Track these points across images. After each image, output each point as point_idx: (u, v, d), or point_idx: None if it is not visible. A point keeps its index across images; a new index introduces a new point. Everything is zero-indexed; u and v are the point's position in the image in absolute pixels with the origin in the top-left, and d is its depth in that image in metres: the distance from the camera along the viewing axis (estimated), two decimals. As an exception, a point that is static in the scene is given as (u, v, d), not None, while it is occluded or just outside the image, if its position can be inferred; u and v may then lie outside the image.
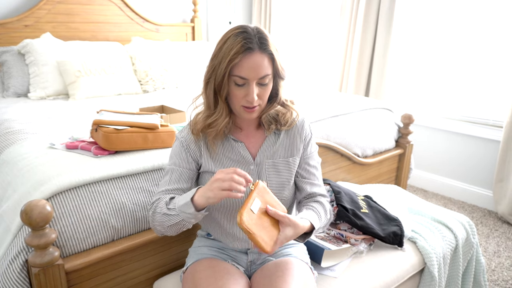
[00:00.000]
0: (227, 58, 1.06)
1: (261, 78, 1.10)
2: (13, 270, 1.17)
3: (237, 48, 1.05)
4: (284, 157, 1.25)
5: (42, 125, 1.93)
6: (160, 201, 1.16)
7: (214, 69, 1.11)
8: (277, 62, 1.12)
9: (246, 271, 1.27)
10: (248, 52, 1.06)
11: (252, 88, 1.09)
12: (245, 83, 1.10)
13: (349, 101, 2.49)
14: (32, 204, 1.08)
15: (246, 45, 1.06)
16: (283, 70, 1.15)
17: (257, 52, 1.07)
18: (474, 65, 2.87)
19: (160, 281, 1.40)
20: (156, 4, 3.65)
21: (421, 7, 3.07)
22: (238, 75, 1.08)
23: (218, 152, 1.22)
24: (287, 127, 1.24)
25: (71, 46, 2.86)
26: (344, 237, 1.51)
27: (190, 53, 3.34)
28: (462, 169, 3.03)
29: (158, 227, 1.17)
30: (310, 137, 1.30)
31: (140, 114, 1.68)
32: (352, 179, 2.25)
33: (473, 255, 1.72)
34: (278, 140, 1.25)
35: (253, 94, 1.09)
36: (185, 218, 1.09)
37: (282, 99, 1.21)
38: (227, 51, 1.07)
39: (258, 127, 1.26)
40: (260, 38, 1.08)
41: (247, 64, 1.07)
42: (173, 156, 1.24)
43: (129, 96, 2.80)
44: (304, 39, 3.94)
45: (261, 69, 1.08)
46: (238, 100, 1.12)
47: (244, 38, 1.06)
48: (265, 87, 1.13)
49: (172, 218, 1.11)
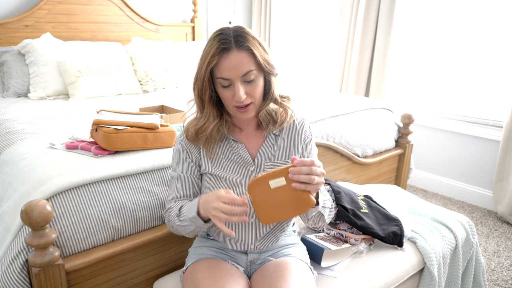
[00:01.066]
0: (206, 62, 1.09)
1: (244, 75, 1.09)
2: (13, 270, 1.17)
3: (213, 50, 1.07)
4: (283, 159, 1.25)
5: (42, 125, 1.93)
6: (171, 211, 1.22)
7: (196, 75, 1.14)
8: (258, 56, 1.09)
9: (246, 271, 1.27)
10: (224, 52, 1.07)
11: (237, 87, 1.09)
12: (230, 83, 1.10)
13: (349, 101, 2.49)
14: (32, 204, 1.08)
15: (222, 45, 1.07)
16: (269, 65, 1.13)
17: (233, 51, 1.07)
18: (474, 65, 2.87)
19: (160, 281, 1.40)
20: (156, 4, 3.65)
21: (421, 7, 3.07)
22: (220, 77, 1.09)
23: (218, 153, 1.22)
24: (284, 124, 1.24)
25: (71, 46, 2.86)
26: (344, 237, 1.51)
27: (190, 53, 3.35)
28: (462, 169, 3.03)
29: (176, 232, 1.24)
30: (310, 139, 1.30)
31: (140, 114, 1.69)
32: (352, 179, 2.25)
33: (472, 255, 1.72)
34: (278, 141, 1.25)
35: (239, 93, 1.09)
36: (198, 226, 1.14)
37: (275, 96, 1.19)
38: (205, 55, 1.10)
39: (258, 128, 1.26)
40: (236, 36, 1.08)
41: (225, 64, 1.08)
42: (174, 161, 1.26)
43: (129, 96, 2.80)
44: (304, 39, 3.94)
45: (241, 66, 1.08)
46: (229, 101, 1.13)
47: (219, 40, 1.08)
48: (253, 83, 1.11)
49: (187, 227, 1.17)
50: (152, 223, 1.43)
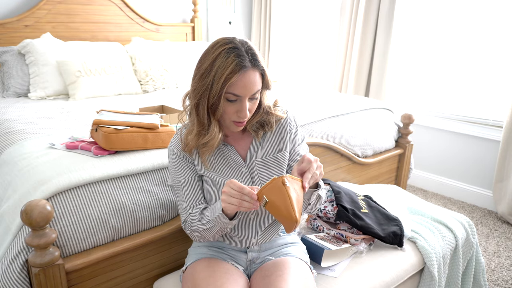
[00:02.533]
0: (222, 78, 1.04)
1: (253, 94, 1.10)
2: (13, 270, 1.17)
3: (231, 67, 1.04)
4: (273, 153, 1.25)
5: (42, 125, 1.93)
6: (192, 219, 1.18)
7: (206, 88, 1.08)
8: (267, 76, 1.12)
9: (246, 271, 1.27)
10: (243, 71, 1.05)
11: (244, 104, 1.10)
12: (237, 99, 1.10)
13: (349, 101, 2.49)
14: (32, 204, 1.08)
15: (241, 63, 1.04)
16: (270, 82, 1.15)
17: (250, 70, 1.07)
18: (474, 65, 2.87)
19: (160, 281, 1.40)
20: (156, 4, 3.65)
21: (421, 7, 3.07)
22: (232, 93, 1.07)
23: (209, 158, 1.22)
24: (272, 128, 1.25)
25: (71, 46, 2.86)
26: (344, 237, 1.51)
27: (190, 53, 3.34)
28: (462, 169, 3.03)
29: (200, 240, 1.21)
30: (296, 128, 1.30)
31: (140, 114, 1.69)
32: (352, 179, 2.25)
33: (473, 255, 1.72)
34: (265, 138, 1.26)
35: (246, 111, 1.10)
36: (222, 226, 1.11)
37: (266, 108, 1.22)
38: (220, 70, 1.04)
39: (245, 130, 1.27)
40: (252, 55, 1.08)
41: (242, 83, 1.06)
42: (173, 171, 1.23)
43: (129, 96, 2.80)
44: (304, 39, 3.94)
45: (254, 85, 1.09)
46: (229, 116, 1.13)
47: (237, 56, 1.05)
48: (255, 101, 1.14)
49: (212, 229, 1.13)
50: (152, 223, 1.43)
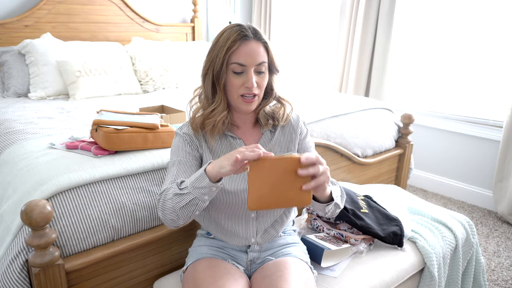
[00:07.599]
0: (225, 47, 1.11)
1: (258, 65, 1.14)
2: (13, 270, 1.17)
3: (234, 36, 1.11)
4: (280, 153, 1.27)
5: (42, 125, 1.93)
6: (170, 188, 1.10)
7: (212, 60, 1.15)
8: (271, 52, 1.17)
9: (246, 271, 1.27)
10: (245, 39, 1.12)
11: (250, 74, 1.13)
12: (243, 70, 1.13)
13: (349, 101, 2.49)
14: (32, 204, 1.08)
15: (242, 33, 1.12)
16: (275, 63, 1.20)
17: (252, 40, 1.13)
18: (474, 65, 2.87)
19: (160, 281, 1.40)
20: (156, 4, 3.65)
21: (421, 7, 3.07)
22: (237, 62, 1.12)
23: (217, 149, 1.23)
24: (284, 122, 1.27)
25: (71, 46, 2.86)
26: (344, 237, 1.51)
27: (190, 53, 3.35)
28: (462, 169, 3.03)
29: (169, 215, 1.09)
30: (306, 132, 1.33)
31: (140, 114, 1.68)
32: (352, 179, 2.25)
33: (473, 255, 1.72)
34: (274, 137, 1.27)
35: (252, 80, 1.13)
36: (198, 196, 1.03)
37: (277, 94, 1.26)
38: (223, 41, 1.12)
39: (255, 125, 1.28)
40: (254, 29, 1.15)
41: (244, 51, 1.12)
42: (175, 151, 1.22)
43: (129, 96, 2.80)
44: (304, 39, 3.94)
45: (258, 55, 1.13)
46: (237, 89, 1.15)
47: (239, 29, 1.13)
48: (263, 75, 1.16)
49: (185, 197, 1.04)
50: (152, 223, 1.43)
